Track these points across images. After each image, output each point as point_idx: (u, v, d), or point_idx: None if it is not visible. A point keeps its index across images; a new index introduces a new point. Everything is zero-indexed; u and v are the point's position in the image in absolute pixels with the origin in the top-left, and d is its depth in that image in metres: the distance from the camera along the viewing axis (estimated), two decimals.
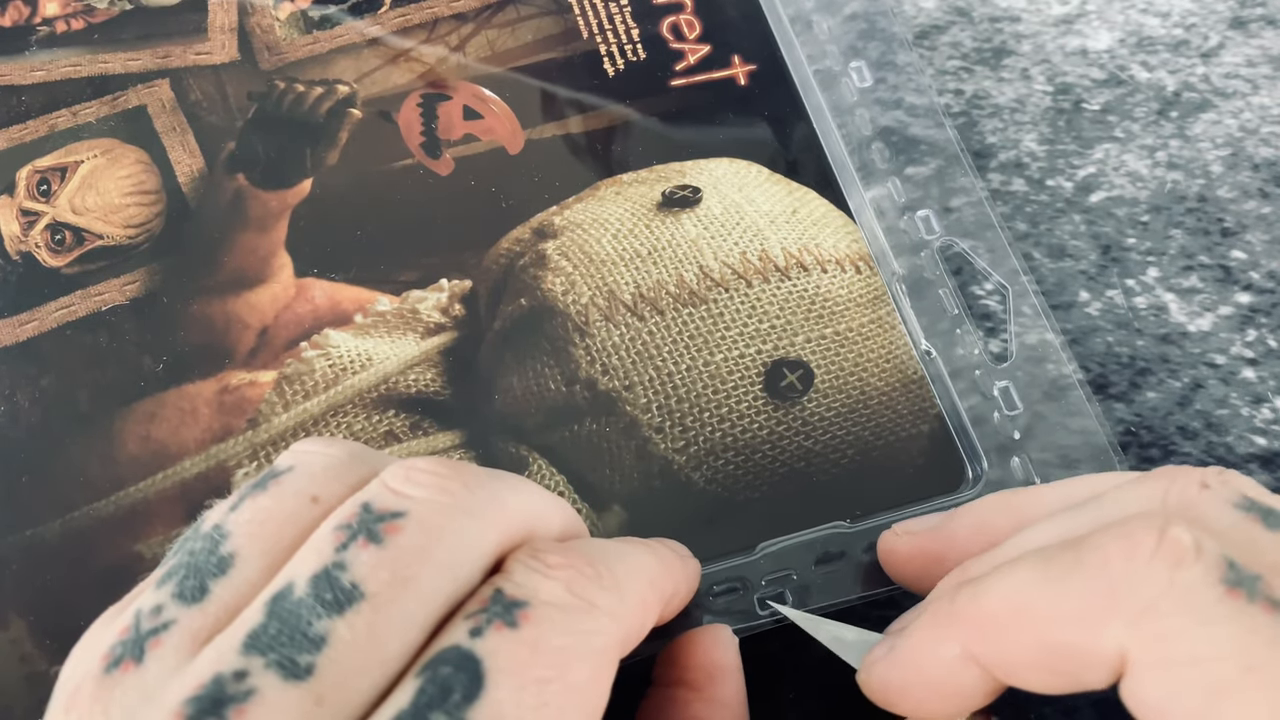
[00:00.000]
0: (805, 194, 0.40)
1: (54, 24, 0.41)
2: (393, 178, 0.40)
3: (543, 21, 0.43)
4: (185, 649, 0.21)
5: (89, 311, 0.38)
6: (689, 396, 0.36)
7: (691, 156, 0.41)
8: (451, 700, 0.20)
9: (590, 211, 0.39)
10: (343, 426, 0.36)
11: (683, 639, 0.30)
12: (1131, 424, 0.39)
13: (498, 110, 0.41)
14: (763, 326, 0.37)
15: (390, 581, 0.21)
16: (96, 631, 0.23)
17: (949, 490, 0.36)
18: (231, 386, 0.37)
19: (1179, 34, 0.46)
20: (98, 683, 0.21)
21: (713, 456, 0.36)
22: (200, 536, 0.23)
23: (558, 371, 0.37)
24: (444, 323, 0.38)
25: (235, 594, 0.22)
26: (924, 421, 0.37)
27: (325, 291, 0.38)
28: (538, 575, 0.22)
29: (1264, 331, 0.40)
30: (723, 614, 0.33)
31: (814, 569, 0.34)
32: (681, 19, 0.43)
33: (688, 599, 0.30)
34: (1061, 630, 0.22)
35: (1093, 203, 0.42)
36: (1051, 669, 0.23)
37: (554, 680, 0.21)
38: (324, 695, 0.20)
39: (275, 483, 0.23)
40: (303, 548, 0.22)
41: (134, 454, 0.36)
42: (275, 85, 0.41)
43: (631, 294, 0.38)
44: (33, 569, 0.34)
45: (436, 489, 0.22)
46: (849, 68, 0.42)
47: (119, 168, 0.39)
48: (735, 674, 0.30)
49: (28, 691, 0.33)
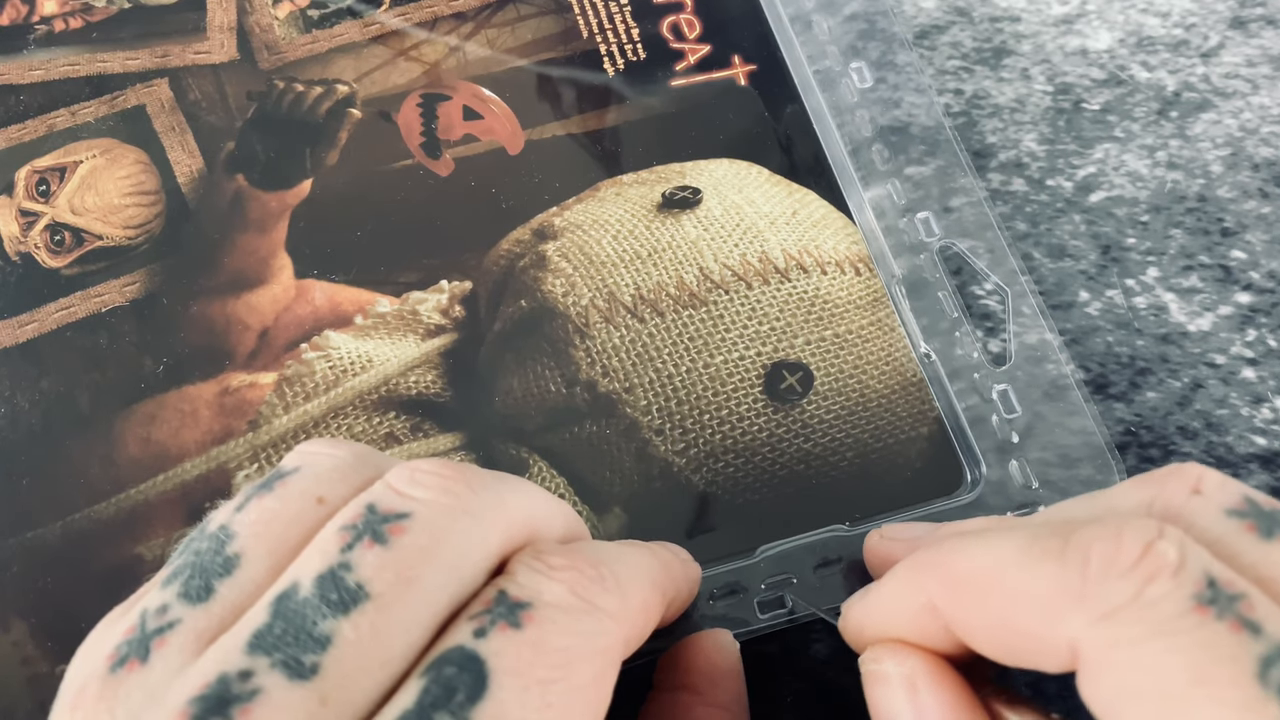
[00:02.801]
0: (805, 195, 0.40)
1: (52, 23, 0.41)
2: (393, 178, 0.40)
3: (542, 21, 0.43)
4: (190, 649, 0.21)
5: (89, 313, 0.38)
6: (689, 399, 0.37)
7: (691, 157, 0.41)
8: (455, 700, 0.20)
9: (590, 213, 0.39)
10: (343, 428, 0.36)
11: (684, 643, 0.30)
12: (1131, 424, 0.39)
13: (498, 110, 0.41)
14: (762, 329, 0.37)
15: (395, 582, 0.21)
16: (102, 631, 0.23)
17: (947, 493, 0.36)
18: (232, 388, 0.37)
19: (1179, 34, 0.46)
20: (103, 682, 0.21)
21: (712, 459, 0.36)
22: (206, 537, 0.23)
23: (558, 373, 0.37)
24: (444, 324, 0.38)
25: (240, 594, 0.22)
26: (923, 424, 0.37)
27: (325, 293, 0.38)
28: (541, 576, 0.22)
29: (1264, 331, 0.40)
30: (722, 617, 0.33)
31: (813, 573, 0.34)
32: (681, 19, 0.43)
33: (689, 601, 0.31)
34: (1023, 610, 0.22)
35: (1093, 203, 0.42)
36: (1006, 644, 0.23)
37: (557, 681, 0.21)
38: (329, 695, 0.20)
39: (281, 483, 0.24)
40: (308, 548, 0.22)
41: (134, 456, 0.36)
42: (275, 85, 0.41)
43: (632, 296, 0.38)
44: (33, 571, 0.34)
45: (441, 490, 0.23)
46: (849, 68, 0.42)
47: (118, 168, 0.39)
48: (736, 678, 0.30)
49: (30, 694, 0.33)
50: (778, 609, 0.34)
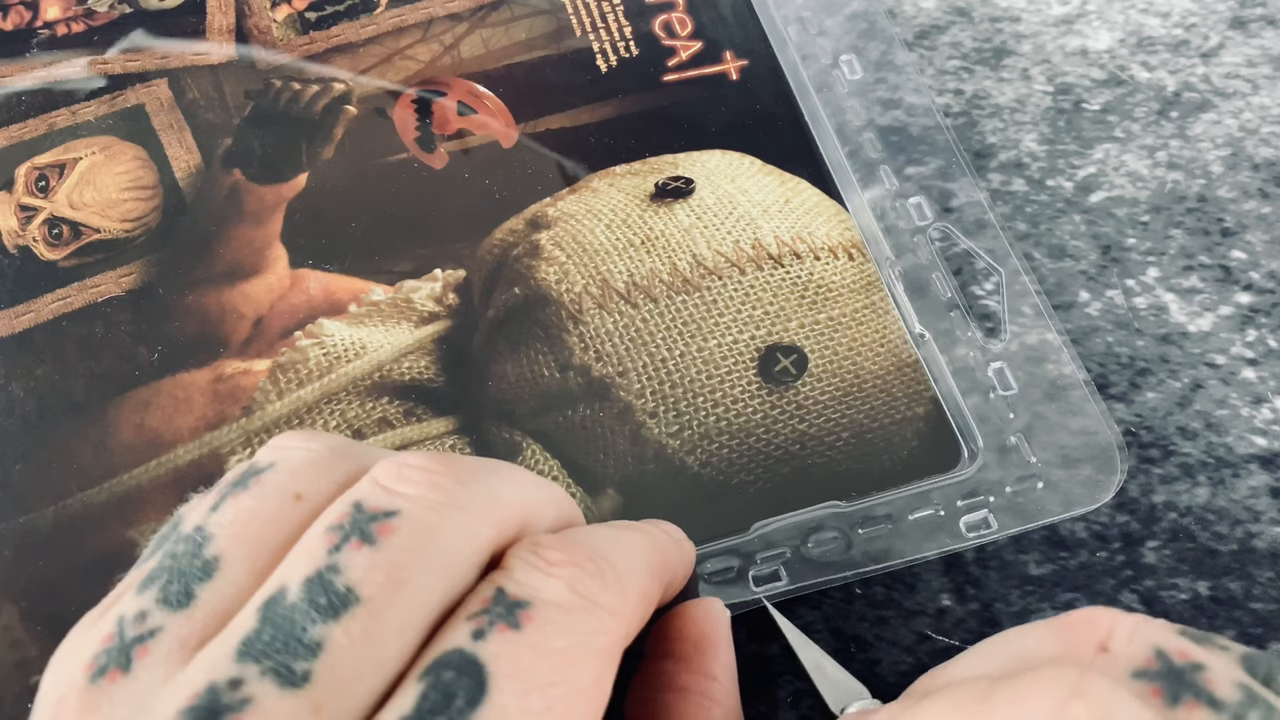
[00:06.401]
0: (798, 184, 0.40)
1: (55, 27, 0.42)
2: (387, 171, 0.40)
3: (536, 20, 0.43)
4: (175, 657, 0.20)
5: (85, 303, 0.38)
6: (683, 382, 0.36)
7: (684, 150, 0.41)
8: (455, 706, 0.19)
9: (583, 202, 0.39)
10: (336, 414, 0.36)
11: (673, 612, 0.30)
12: (1131, 424, 0.38)
13: (492, 105, 0.41)
14: (756, 313, 0.37)
15: (386, 584, 0.20)
16: (77, 638, 0.22)
17: (944, 470, 0.35)
18: (226, 375, 0.37)
19: (1179, 34, 0.46)
20: (84, 693, 0.20)
21: (707, 441, 0.36)
22: (182, 539, 0.22)
23: (551, 358, 0.37)
24: (438, 311, 0.38)
25: (223, 599, 0.21)
26: (919, 404, 0.36)
27: (320, 282, 0.38)
28: (539, 573, 0.22)
29: (1264, 331, 0.40)
30: (715, 591, 0.33)
31: (808, 547, 0.34)
32: (674, 17, 0.43)
33: (684, 583, 0.30)
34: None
35: (1093, 203, 0.42)
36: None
37: (557, 684, 0.20)
38: (321, 703, 0.19)
39: (256, 481, 0.23)
40: (294, 550, 0.21)
41: (128, 442, 0.36)
42: (272, 83, 0.42)
43: (625, 282, 0.38)
44: (25, 555, 0.34)
45: (429, 486, 0.22)
46: (839, 61, 0.43)
47: (117, 164, 0.40)
48: (724, 646, 0.29)
49: (18, 677, 0.33)
50: (773, 582, 0.33)
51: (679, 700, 0.27)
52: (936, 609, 0.35)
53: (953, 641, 0.35)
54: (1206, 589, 0.36)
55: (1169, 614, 0.35)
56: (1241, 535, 0.36)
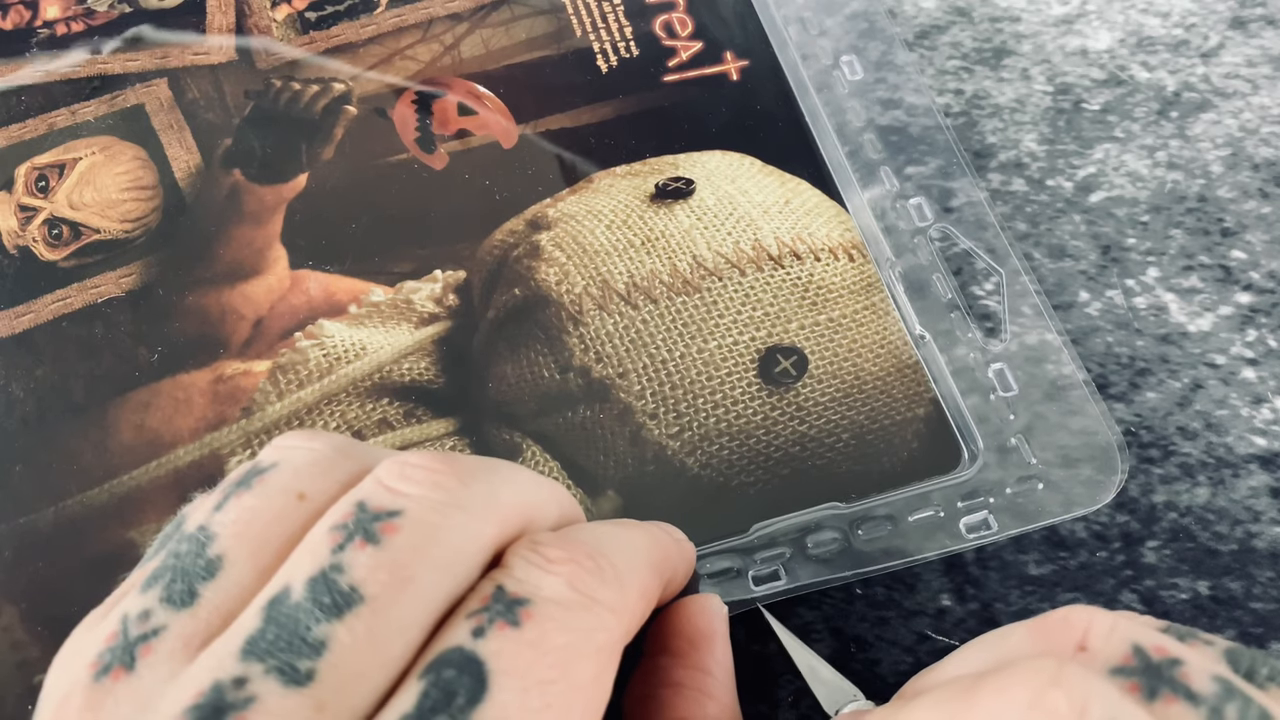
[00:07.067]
0: (798, 185, 0.40)
1: (54, 26, 0.42)
2: (388, 172, 0.40)
3: (536, 20, 0.43)
4: (179, 656, 0.20)
5: (85, 304, 0.38)
6: (683, 383, 0.36)
7: (684, 150, 0.41)
8: (455, 704, 0.19)
9: (584, 203, 0.39)
10: (336, 415, 0.36)
11: (669, 608, 0.30)
12: (1131, 424, 0.38)
13: (492, 106, 0.41)
14: (756, 314, 0.37)
15: (390, 583, 0.20)
16: (80, 637, 0.22)
17: (944, 471, 0.35)
18: (226, 376, 0.37)
19: (1179, 34, 0.46)
20: (88, 691, 0.20)
21: (707, 442, 0.36)
22: (185, 538, 0.22)
23: (551, 359, 0.37)
24: (438, 312, 0.38)
25: (226, 598, 0.21)
26: (919, 405, 0.36)
27: (320, 283, 0.38)
28: (539, 571, 0.22)
29: (1264, 331, 0.40)
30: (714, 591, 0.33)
31: (808, 547, 0.34)
32: (674, 17, 0.43)
33: (685, 581, 0.30)
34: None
35: (1093, 203, 0.42)
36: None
37: (557, 681, 0.20)
38: (325, 701, 0.19)
39: (260, 480, 0.23)
40: (298, 549, 0.21)
41: (128, 442, 0.36)
42: (272, 83, 0.41)
43: (625, 283, 0.38)
44: (26, 557, 0.34)
45: (432, 485, 0.22)
46: (839, 61, 0.43)
47: (116, 164, 0.40)
48: (720, 642, 0.29)
49: (19, 678, 0.33)
50: (773, 581, 0.33)
51: (675, 695, 0.27)
52: (936, 609, 0.36)
53: (952, 641, 0.35)
54: (1207, 589, 0.36)
55: (1169, 614, 0.35)
56: (1241, 535, 0.36)
